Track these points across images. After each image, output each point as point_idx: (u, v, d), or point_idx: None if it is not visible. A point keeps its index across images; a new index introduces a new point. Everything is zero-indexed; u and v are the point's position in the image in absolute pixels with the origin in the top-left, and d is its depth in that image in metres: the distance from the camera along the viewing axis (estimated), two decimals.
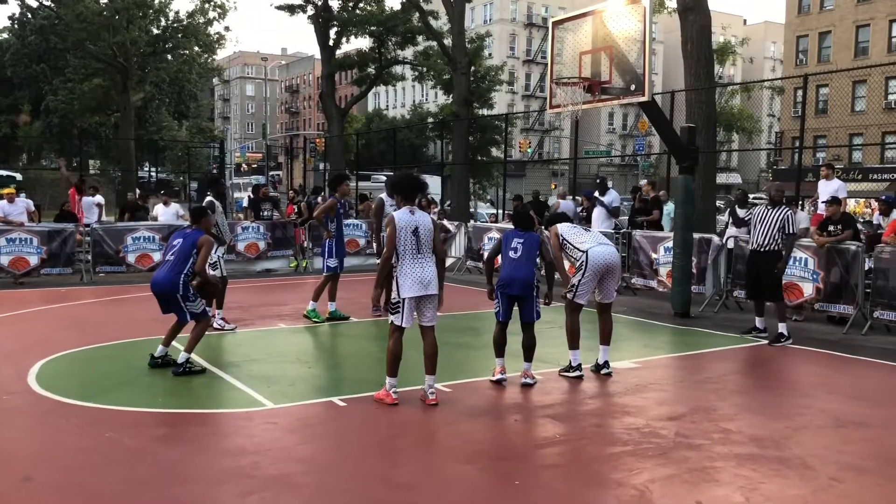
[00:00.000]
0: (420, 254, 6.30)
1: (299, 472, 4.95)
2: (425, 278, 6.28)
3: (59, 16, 36.34)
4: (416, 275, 6.25)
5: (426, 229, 6.35)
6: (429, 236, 6.35)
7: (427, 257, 6.34)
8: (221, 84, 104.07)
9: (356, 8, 33.00)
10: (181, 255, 7.42)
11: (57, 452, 5.23)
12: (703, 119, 14.95)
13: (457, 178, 25.59)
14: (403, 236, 6.25)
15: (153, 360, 7.56)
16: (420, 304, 6.35)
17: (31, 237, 14.02)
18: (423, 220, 6.37)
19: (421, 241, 6.30)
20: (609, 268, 7.53)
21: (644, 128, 59.92)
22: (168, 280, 7.36)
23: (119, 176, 38.51)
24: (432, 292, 6.35)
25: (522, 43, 71.49)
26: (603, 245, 7.59)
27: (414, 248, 6.28)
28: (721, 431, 5.82)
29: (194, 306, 7.46)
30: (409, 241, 6.27)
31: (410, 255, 6.27)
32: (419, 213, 6.41)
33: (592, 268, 7.44)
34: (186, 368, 7.33)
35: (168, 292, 7.37)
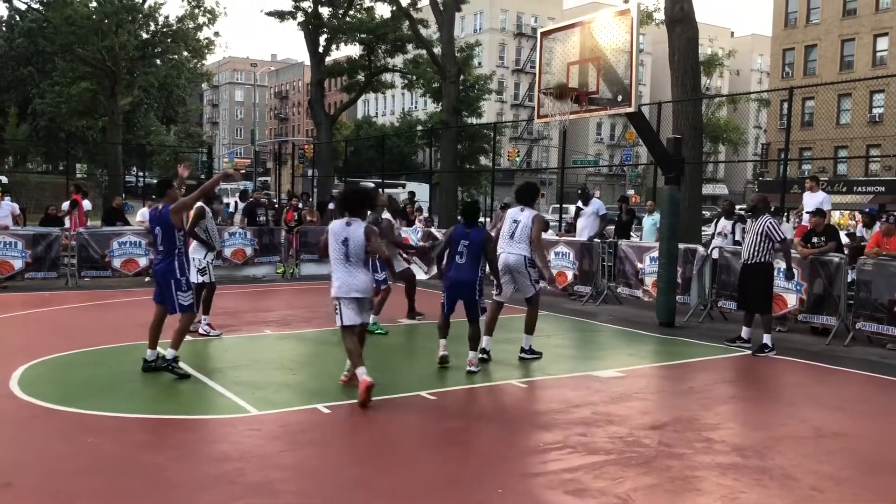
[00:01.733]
0: (349, 263, 6.83)
1: (282, 479, 4.94)
2: (349, 283, 6.82)
3: (48, 19, 36.17)
4: (342, 279, 6.84)
5: (356, 240, 6.81)
6: (358, 246, 6.81)
7: (356, 266, 6.84)
8: (210, 89, 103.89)
9: (346, 15, 33.05)
10: (166, 240, 7.49)
11: (38, 458, 5.20)
12: (689, 130, 15.06)
13: (445, 187, 25.63)
14: (335, 245, 6.84)
15: (146, 365, 7.54)
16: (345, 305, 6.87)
17: (16, 241, 13.94)
18: (355, 233, 6.82)
19: (350, 250, 6.80)
20: (506, 267, 8.54)
21: (631, 138, 60.16)
22: (164, 271, 7.47)
23: (106, 180, 38.30)
24: (353, 295, 6.83)
25: (512, 52, 71.76)
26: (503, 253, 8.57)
27: (343, 256, 6.81)
28: (704, 441, 5.86)
29: (185, 297, 7.50)
30: (340, 249, 6.81)
31: (340, 262, 6.84)
32: (355, 224, 6.86)
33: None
34: (172, 367, 7.33)
35: (165, 279, 7.46)
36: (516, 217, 8.65)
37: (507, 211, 8.87)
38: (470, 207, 8.28)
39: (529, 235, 8.52)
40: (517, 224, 8.57)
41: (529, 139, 70.58)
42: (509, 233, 8.61)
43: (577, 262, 13.93)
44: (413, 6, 30.75)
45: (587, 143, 71.30)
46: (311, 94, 34.28)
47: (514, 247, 8.56)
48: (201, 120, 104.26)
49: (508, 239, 8.60)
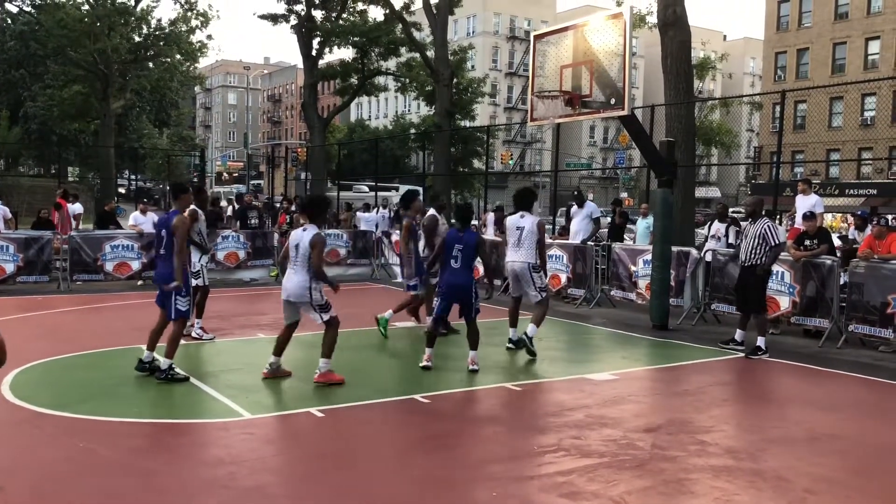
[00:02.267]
0: (293, 266, 7.31)
1: (275, 483, 4.93)
2: (285, 285, 7.41)
3: (40, 22, 36.13)
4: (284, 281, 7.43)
5: (303, 246, 7.22)
6: (304, 253, 7.21)
7: (296, 269, 7.27)
8: (203, 92, 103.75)
9: (339, 18, 33.09)
10: (170, 244, 7.54)
11: (30, 463, 5.17)
12: (682, 133, 15.11)
13: (438, 189, 25.62)
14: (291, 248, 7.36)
15: (140, 365, 7.52)
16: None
17: (8, 244, 13.88)
18: (303, 238, 7.23)
19: (298, 254, 7.25)
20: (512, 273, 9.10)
21: (625, 141, 60.31)
22: (166, 275, 7.53)
23: (98, 183, 38.21)
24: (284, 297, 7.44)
25: (505, 56, 71.89)
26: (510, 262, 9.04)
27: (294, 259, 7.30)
28: (697, 443, 5.86)
29: (182, 303, 7.53)
30: (293, 253, 7.31)
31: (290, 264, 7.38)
32: (309, 230, 7.29)
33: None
34: (170, 375, 7.32)
35: (167, 284, 7.50)
36: (518, 224, 8.94)
37: (507, 219, 9.12)
38: (463, 211, 8.39)
39: (534, 242, 8.84)
40: (521, 231, 8.85)
41: (523, 142, 70.70)
42: (515, 241, 8.89)
43: (570, 264, 13.95)
44: (406, 9, 30.82)
45: (580, 146, 71.46)
46: (305, 97, 34.31)
47: (519, 254, 8.91)
48: (194, 123, 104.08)
49: (515, 247, 8.92)
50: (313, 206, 7.66)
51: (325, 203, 7.92)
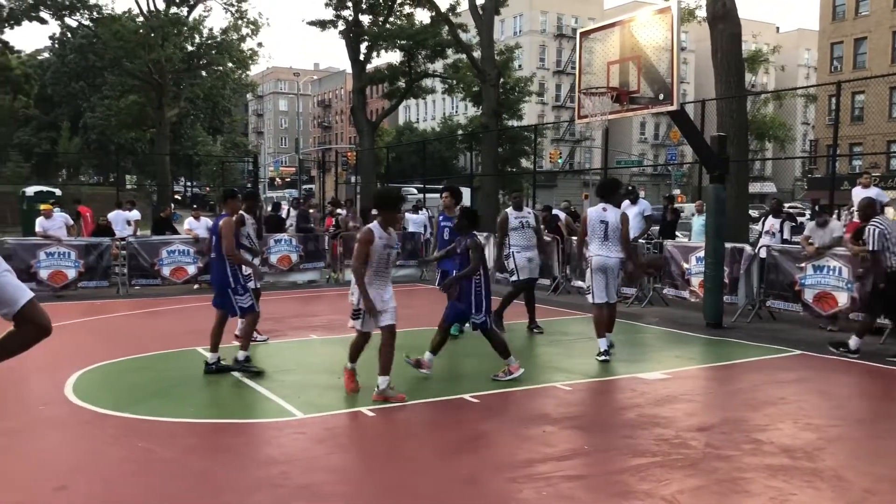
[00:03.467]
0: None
1: (327, 482, 4.99)
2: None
3: (98, 34, 37.18)
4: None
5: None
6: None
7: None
8: (255, 99, 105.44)
9: (386, 22, 33.30)
10: (219, 247, 7.82)
11: (91, 462, 5.34)
12: (734, 128, 14.84)
13: (486, 190, 25.61)
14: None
15: (207, 367, 7.76)
16: None
17: (69, 251, 14.33)
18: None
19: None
20: (603, 267, 8.61)
21: (676, 137, 59.40)
22: (218, 275, 7.80)
23: (154, 190, 39.17)
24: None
25: (553, 54, 71.50)
26: (600, 256, 8.62)
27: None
28: (752, 442, 5.75)
29: (242, 300, 7.77)
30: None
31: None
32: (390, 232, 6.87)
33: (594, 267, 8.65)
34: (244, 367, 7.62)
35: (220, 286, 7.78)
36: (603, 217, 8.57)
37: (588, 213, 8.73)
38: (470, 215, 7.99)
39: (619, 236, 8.57)
40: (606, 225, 8.52)
41: (571, 140, 70.19)
42: (601, 234, 8.53)
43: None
44: (452, 11, 30.88)
45: (631, 143, 70.66)
46: (353, 101, 34.62)
47: (610, 249, 8.56)
48: (247, 130, 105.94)
49: (602, 241, 8.55)
50: (380, 201, 7.03)
51: (393, 198, 7.07)
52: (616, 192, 9.01)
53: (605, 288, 8.64)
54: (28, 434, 6.00)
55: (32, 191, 28.33)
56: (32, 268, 13.92)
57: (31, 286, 13.69)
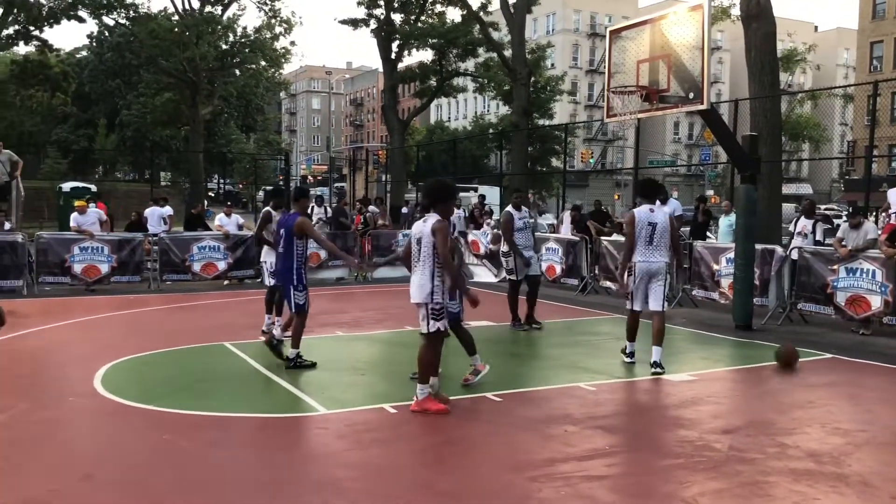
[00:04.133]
0: (418, 262, 6.45)
1: (347, 477, 5.01)
2: (412, 286, 6.48)
3: (134, 33, 37.72)
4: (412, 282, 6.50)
5: (425, 239, 6.37)
6: (427, 244, 6.35)
7: (421, 266, 6.41)
8: (288, 98, 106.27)
9: (418, 21, 33.37)
10: (286, 243, 8.00)
11: (116, 452, 5.42)
12: (767, 127, 14.63)
13: (515, 188, 25.52)
14: (413, 245, 6.52)
15: (289, 363, 7.97)
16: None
17: (103, 246, 14.56)
18: (425, 229, 6.38)
19: (421, 250, 6.41)
20: (648, 272, 8.11)
21: (710, 138, 58.77)
22: (282, 271, 8.06)
23: (188, 188, 39.66)
24: (413, 300, 6.48)
25: (586, 53, 71.10)
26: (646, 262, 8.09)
27: (416, 257, 6.46)
28: (777, 446, 5.67)
29: (299, 297, 7.98)
30: (415, 249, 6.50)
31: (414, 263, 6.51)
32: (429, 219, 6.41)
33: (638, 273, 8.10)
34: (297, 363, 7.84)
35: (284, 282, 8.04)
36: (651, 219, 8.02)
37: (635, 214, 8.12)
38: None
39: (669, 238, 8.14)
40: (654, 227, 7.98)
41: (604, 140, 69.77)
42: (647, 237, 7.99)
43: None
44: (483, 10, 30.85)
45: (664, 143, 70.03)
46: (384, 100, 34.75)
47: (654, 254, 8.03)
48: (280, 128, 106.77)
49: (647, 245, 8.01)
50: (433, 192, 6.62)
51: (447, 189, 6.65)
52: (659, 192, 8.54)
53: (644, 294, 8.13)
54: (59, 424, 6.12)
55: (68, 187, 28.84)
56: (66, 262, 14.17)
57: (65, 280, 14.06)
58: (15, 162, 16.03)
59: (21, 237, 14.09)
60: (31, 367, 8.22)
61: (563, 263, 15.56)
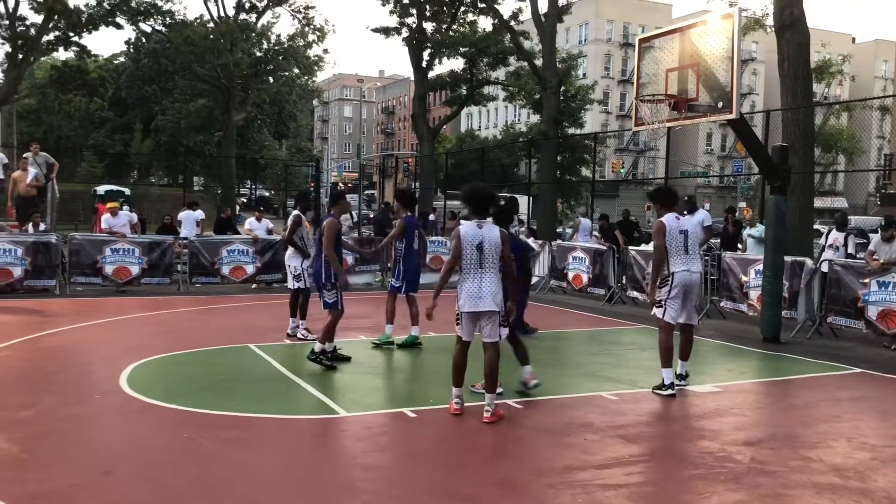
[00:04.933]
0: (482, 269, 6.29)
1: (364, 479, 5.03)
2: (481, 294, 6.27)
3: (170, 39, 38.28)
4: (472, 290, 6.27)
5: (492, 244, 6.30)
6: (494, 251, 6.31)
7: (490, 273, 6.31)
8: (321, 105, 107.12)
9: (449, 30, 33.47)
10: (318, 244, 8.29)
11: (137, 450, 5.49)
12: (799, 139, 14.47)
13: (543, 198, 25.45)
14: (468, 250, 6.27)
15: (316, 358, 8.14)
16: (479, 319, 6.35)
17: (134, 248, 14.77)
18: (490, 235, 6.34)
19: (485, 256, 6.28)
20: (690, 285, 7.59)
21: (742, 149, 58.15)
22: (316, 269, 8.36)
23: (220, 192, 40.11)
24: (485, 308, 6.30)
25: (618, 63, 70.76)
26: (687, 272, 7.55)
27: (476, 263, 6.28)
28: (800, 459, 5.58)
29: (329, 296, 8.21)
30: (473, 255, 6.28)
31: (472, 269, 6.29)
32: (487, 226, 6.38)
33: (677, 285, 7.51)
34: (319, 358, 8.00)
35: (316, 281, 8.35)
36: (681, 227, 7.64)
37: (665, 222, 7.62)
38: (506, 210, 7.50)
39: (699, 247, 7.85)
40: (685, 234, 7.60)
41: (635, 150, 69.34)
42: (681, 246, 7.54)
43: None
44: (514, 19, 30.86)
45: (696, 154, 69.42)
46: (414, 108, 34.87)
47: (694, 263, 7.61)
48: (312, 135, 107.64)
49: (683, 253, 7.54)
50: (486, 200, 6.49)
51: (487, 196, 6.53)
52: (678, 199, 8.16)
53: (683, 307, 7.60)
54: (84, 421, 6.21)
55: (103, 190, 29.34)
56: (98, 263, 14.40)
57: (97, 281, 14.27)
58: (51, 164, 16.36)
59: (55, 238, 14.36)
60: (59, 365, 8.36)
61: (589, 273, 15.49)
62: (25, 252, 13.78)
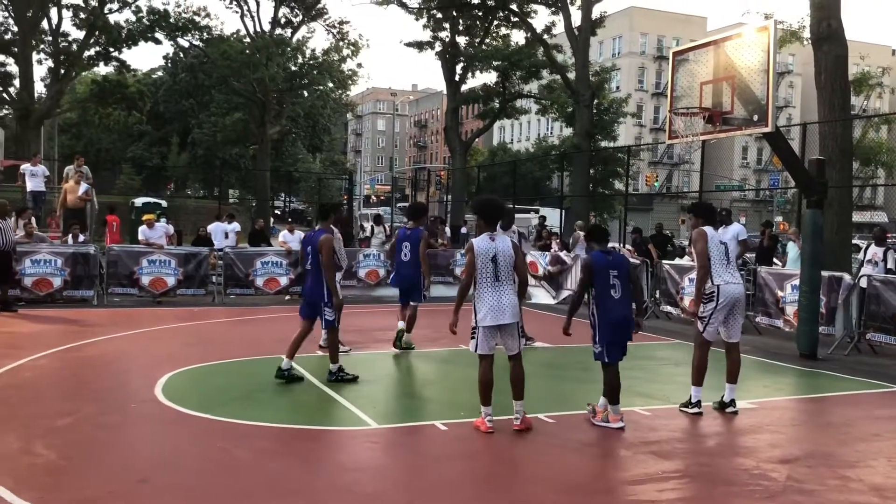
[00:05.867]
0: (499, 282, 6.26)
1: (395, 491, 5.04)
2: (502, 307, 6.23)
3: (207, 54, 38.92)
4: (493, 303, 6.23)
5: (505, 256, 6.29)
6: (508, 263, 6.31)
7: (506, 285, 6.29)
8: (354, 119, 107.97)
9: (482, 44, 33.61)
10: (315, 261, 8.01)
11: (173, 459, 5.56)
12: (837, 152, 14.25)
13: (576, 211, 25.37)
14: (482, 263, 6.26)
15: (280, 373, 7.97)
16: (500, 332, 6.32)
17: (170, 259, 14.99)
18: (503, 247, 6.32)
19: (500, 268, 6.26)
20: (737, 300, 7.33)
21: (779, 163, 57.38)
22: (314, 290, 8.05)
23: (255, 205, 40.57)
24: (508, 321, 6.29)
25: (652, 76, 70.41)
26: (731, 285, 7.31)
27: (492, 276, 6.26)
28: (839, 478, 5.48)
29: (329, 314, 7.99)
30: (488, 268, 6.25)
31: (489, 283, 6.26)
32: (499, 239, 6.38)
33: (723, 300, 7.22)
34: (339, 377, 7.92)
35: (315, 301, 8.02)
36: (722, 238, 7.47)
37: (707, 234, 7.41)
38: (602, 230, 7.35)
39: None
40: (725, 246, 7.39)
41: (669, 163, 68.82)
42: (723, 257, 7.29)
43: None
44: (547, 32, 30.91)
45: (731, 167, 68.70)
46: (447, 121, 35.03)
47: (736, 274, 7.38)
48: (345, 148, 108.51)
49: (725, 265, 7.31)
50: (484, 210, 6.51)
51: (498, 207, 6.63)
52: (716, 217, 7.95)
53: (726, 323, 7.34)
54: (120, 429, 6.31)
55: (141, 202, 29.79)
56: (135, 274, 14.63)
57: (133, 291, 14.49)
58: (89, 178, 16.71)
59: (93, 249, 14.63)
60: (96, 374, 8.51)
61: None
62: (65, 263, 14.07)
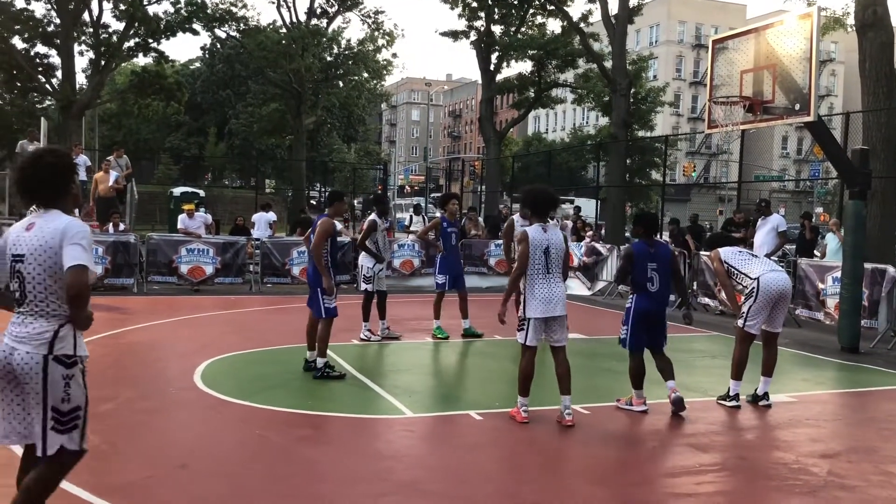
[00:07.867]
0: (549, 273, 6.22)
1: (430, 479, 5.06)
2: (553, 299, 6.20)
3: (244, 45, 39.24)
4: (544, 295, 6.19)
5: (557, 248, 6.27)
6: (560, 255, 6.29)
7: (557, 277, 6.27)
8: (389, 109, 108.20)
9: (518, 33, 33.39)
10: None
11: (211, 445, 5.64)
12: (881, 141, 13.94)
13: (612, 201, 25.15)
14: (535, 255, 6.20)
15: (307, 364, 7.99)
16: (548, 324, 6.28)
17: (208, 248, 15.19)
18: (555, 239, 6.30)
19: (551, 260, 6.22)
20: (781, 295, 7.12)
21: (820, 153, 56.27)
22: (311, 274, 7.88)
23: (291, 195, 40.89)
24: (560, 313, 6.26)
25: (690, 65, 69.50)
26: (775, 272, 7.17)
27: (544, 267, 6.22)
28: (882, 474, 5.38)
29: (327, 302, 7.75)
30: (540, 259, 6.21)
31: (540, 274, 6.22)
32: (552, 230, 6.34)
33: (764, 295, 7.03)
34: (325, 373, 7.68)
35: (312, 286, 7.85)
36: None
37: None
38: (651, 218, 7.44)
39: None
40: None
41: (707, 154, 67.92)
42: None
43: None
44: (584, 21, 30.61)
45: (771, 157, 67.56)
46: (481, 111, 34.91)
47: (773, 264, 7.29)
48: (380, 139, 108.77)
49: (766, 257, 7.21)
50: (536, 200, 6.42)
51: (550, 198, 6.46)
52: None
53: (770, 315, 7.15)
54: (160, 415, 6.42)
55: (179, 191, 30.23)
56: (174, 262, 14.85)
57: (172, 279, 14.71)
58: (128, 168, 16.97)
59: (133, 238, 14.88)
60: (137, 360, 8.67)
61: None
62: (106, 251, 14.32)
